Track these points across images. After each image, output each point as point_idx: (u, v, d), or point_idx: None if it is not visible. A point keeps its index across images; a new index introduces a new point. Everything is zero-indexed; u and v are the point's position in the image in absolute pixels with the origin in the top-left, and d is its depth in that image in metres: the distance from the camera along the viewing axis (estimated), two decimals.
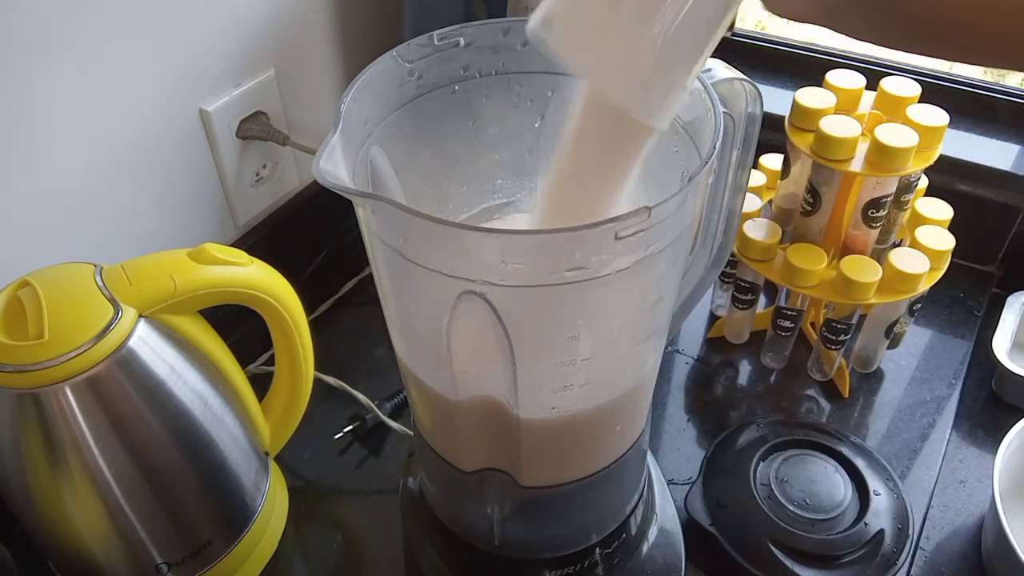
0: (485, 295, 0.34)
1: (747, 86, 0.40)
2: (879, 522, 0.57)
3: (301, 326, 0.56)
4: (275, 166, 0.75)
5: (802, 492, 0.59)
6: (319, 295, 0.79)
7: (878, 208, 0.64)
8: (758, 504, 0.58)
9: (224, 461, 0.53)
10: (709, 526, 0.58)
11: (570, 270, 0.33)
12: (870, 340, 0.71)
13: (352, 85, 0.38)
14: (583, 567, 0.49)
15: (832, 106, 0.63)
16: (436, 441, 0.46)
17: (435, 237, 0.33)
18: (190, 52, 0.63)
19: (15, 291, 0.46)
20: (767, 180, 0.73)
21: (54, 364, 0.43)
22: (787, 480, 0.60)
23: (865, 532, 0.56)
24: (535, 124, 0.46)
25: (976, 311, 0.78)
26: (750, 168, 0.45)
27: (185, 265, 0.49)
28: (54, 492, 0.47)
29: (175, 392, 0.49)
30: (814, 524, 0.57)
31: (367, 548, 0.61)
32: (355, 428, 0.67)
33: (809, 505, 0.58)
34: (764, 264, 0.66)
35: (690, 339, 0.77)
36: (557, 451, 0.44)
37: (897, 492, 0.59)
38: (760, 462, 0.61)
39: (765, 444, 0.62)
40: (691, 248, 0.48)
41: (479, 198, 0.49)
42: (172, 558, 0.52)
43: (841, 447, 0.62)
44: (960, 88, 0.83)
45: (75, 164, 0.58)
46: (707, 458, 0.63)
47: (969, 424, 0.69)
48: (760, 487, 0.59)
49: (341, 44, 0.78)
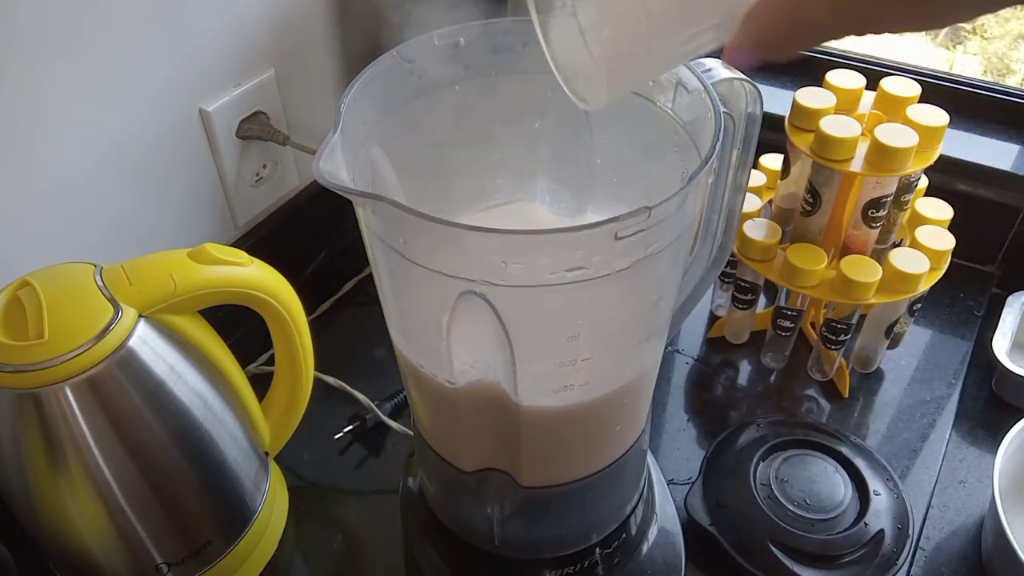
0: (485, 295, 0.34)
1: (747, 86, 0.40)
2: (879, 522, 0.57)
3: (301, 326, 0.56)
4: (275, 166, 0.75)
5: (802, 492, 0.59)
6: (319, 295, 0.79)
7: (878, 208, 0.64)
8: (758, 504, 0.58)
9: (224, 461, 0.53)
10: (709, 526, 0.58)
11: (570, 270, 0.33)
12: (870, 340, 0.71)
13: (352, 85, 0.38)
14: (583, 567, 0.49)
15: (832, 106, 0.63)
16: (436, 441, 0.46)
17: (435, 237, 0.33)
18: (190, 52, 0.63)
19: (15, 291, 0.46)
20: (767, 180, 0.73)
21: (54, 364, 0.43)
22: (787, 480, 0.60)
23: (865, 532, 0.56)
24: (535, 124, 0.46)
25: (976, 311, 0.78)
26: (750, 168, 0.45)
27: (185, 265, 0.49)
28: (54, 492, 0.47)
29: (175, 392, 0.49)
30: (814, 524, 0.57)
31: (367, 548, 0.61)
32: (355, 428, 0.67)
33: (809, 505, 0.58)
34: (764, 264, 0.66)
35: (690, 339, 0.77)
36: (557, 451, 0.44)
37: (897, 492, 0.59)
38: (760, 462, 0.61)
39: (765, 444, 0.62)
40: (691, 248, 0.48)
41: (479, 198, 0.49)
42: (172, 558, 0.52)
43: (841, 447, 0.62)
44: (960, 88, 0.83)
45: (75, 164, 0.58)
46: (707, 458, 0.63)
47: (969, 424, 0.69)
48: (760, 487, 0.59)
49: (341, 44, 0.78)
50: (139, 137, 0.62)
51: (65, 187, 0.58)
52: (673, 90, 0.40)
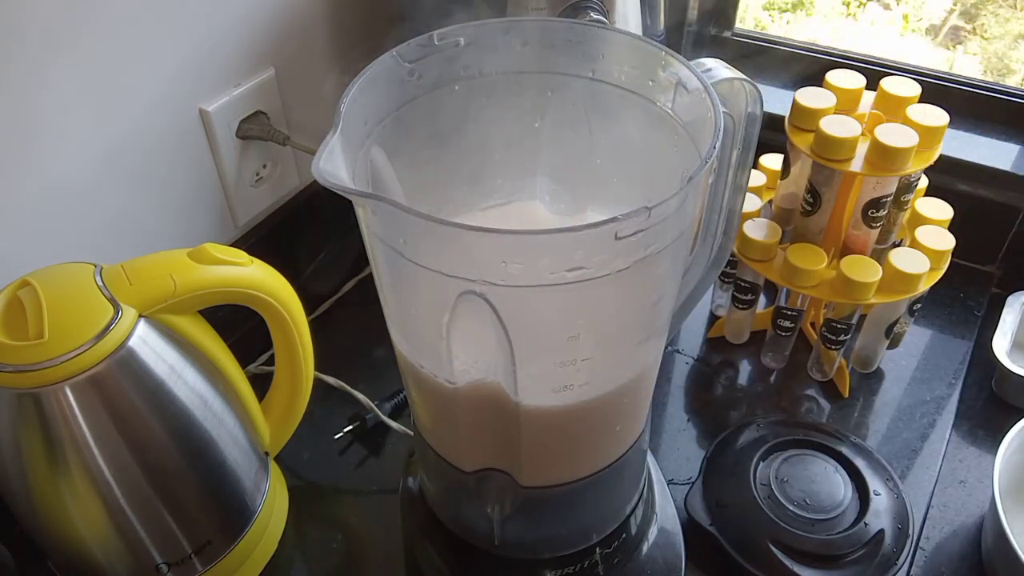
0: (485, 295, 0.34)
1: (747, 86, 0.40)
2: (879, 522, 0.57)
3: (301, 326, 0.56)
4: (275, 166, 0.75)
5: (802, 492, 0.59)
6: (319, 295, 0.79)
7: (878, 208, 0.64)
8: (758, 504, 0.58)
9: (224, 461, 0.53)
10: (709, 526, 0.58)
11: (570, 270, 0.33)
12: (870, 340, 0.71)
13: (352, 85, 0.38)
14: (583, 567, 0.49)
15: (832, 106, 0.63)
16: (436, 441, 0.46)
17: (435, 237, 0.33)
18: (190, 52, 0.63)
19: (15, 291, 0.46)
20: (767, 180, 0.73)
21: (54, 364, 0.43)
22: (787, 480, 0.60)
23: (865, 532, 0.56)
24: (535, 124, 0.46)
25: (976, 311, 0.78)
26: (750, 168, 0.45)
27: (185, 265, 0.49)
28: (54, 492, 0.47)
29: (175, 392, 0.49)
30: (814, 524, 0.57)
31: (367, 548, 0.61)
32: (355, 428, 0.67)
33: (809, 505, 0.58)
34: (764, 264, 0.66)
35: (690, 339, 0.77)
36: (557, 451, 0.44)
37: (897, 492, 0.59)
38: (760, 462, 0.61)
39: (765, 444, 0.62)
40: (691, 248, 0.48)
41: (479, 198, 0.49)
42: (172, 558, 0.52)
43: (841, 447, 0.62)
44: (960, 88, 0.83)
45: (75, 164, 0.58)
46: (707, 458, 0.63)
47: (969, 424, 0.69)
48: (760, 487, 0.59)
49: (341, 44, 0.78)
50: (139, 137, 0.62)
51: (65, 187, 0.58)
52: (673, 90, 0.40)
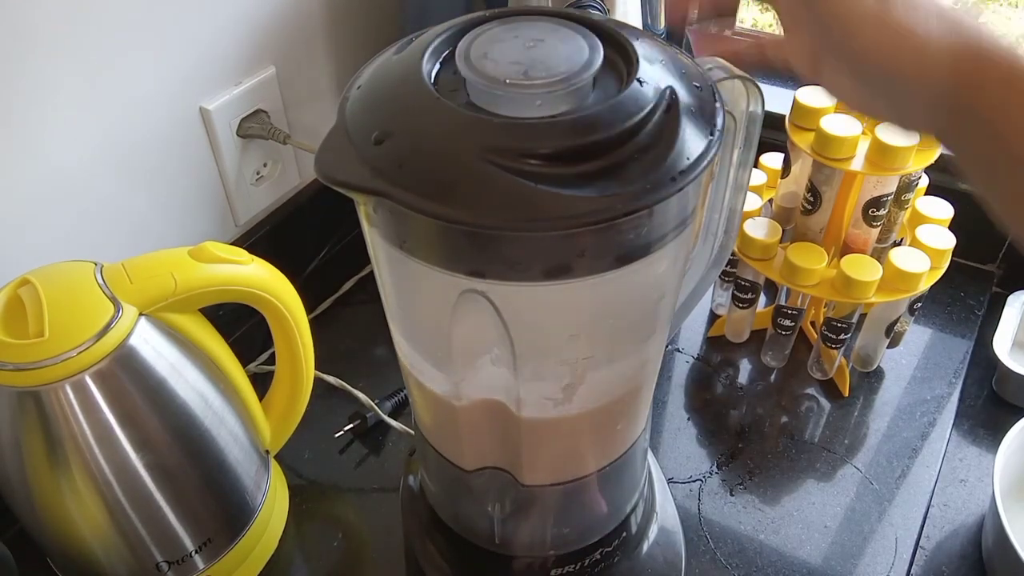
0: (486, 293, 0.34)
1: (748, 85, 0.40)
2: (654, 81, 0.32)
3: (302, 324, 0.56)
4: (276, 164, 0.75)
5: (516, 64, 0.32)
6: (320, 293, 0.79)
7: (878, 207, 0.64)
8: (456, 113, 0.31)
9: (224, 459, 0.53)
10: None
11: (571, 268, 0.33)
12: (870, 339, 0.71)
13: (353, 82, 0.38)
14: (584, 565, 0.49)
15: (833, 105, 0.63)
16: (437, 440, 0.46)
17: (437, 234, 0.33)
18: (191, 50, 0.63)
19: (15, 289, 0.46)
20: (768, 179, 0.73)
21: (54, 362, 0.43)
22: (487, 55, 0.33)
23: (641, 95, 0.32)
24: None
25: (976, 310, 0.78)
26: (751, 167, 0.45)
27: (186, 263, 0.49)
28: (54, 491, 0.47)
29: (176, 390, 0.49)
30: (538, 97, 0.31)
31: (367, 546, 0.61)
32: (355, 427, 0.67)
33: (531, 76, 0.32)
34: (764, 263, 0.66)
35: (690, 338, 0.77)
36: (558, 449, 0.44)
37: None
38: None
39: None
40: (692, 247, 0.48)
41: None
42: (172, 556, 0.52)
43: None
44: None
45: (75, 162, 0.58)
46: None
47: (969, 423, 0.69)
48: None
49: (341, 43, 0.78)
50: (140, 135, 0.62)
51: (65, 185, 0.58)
52: None
